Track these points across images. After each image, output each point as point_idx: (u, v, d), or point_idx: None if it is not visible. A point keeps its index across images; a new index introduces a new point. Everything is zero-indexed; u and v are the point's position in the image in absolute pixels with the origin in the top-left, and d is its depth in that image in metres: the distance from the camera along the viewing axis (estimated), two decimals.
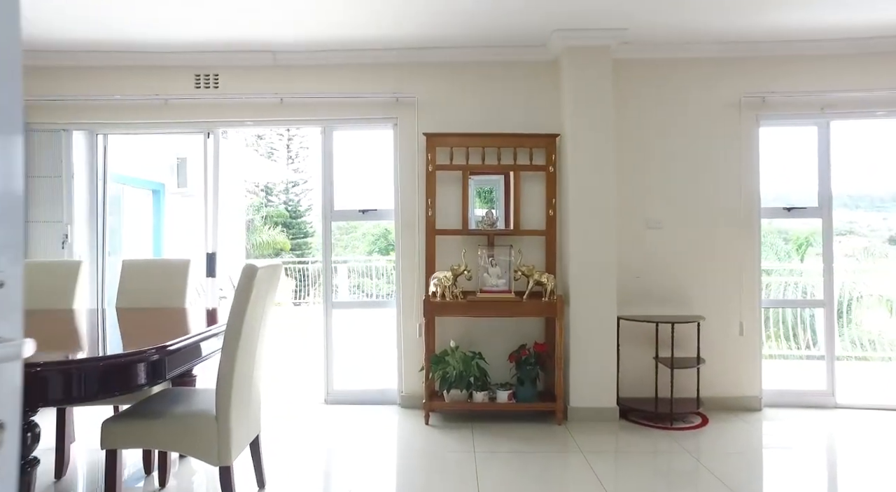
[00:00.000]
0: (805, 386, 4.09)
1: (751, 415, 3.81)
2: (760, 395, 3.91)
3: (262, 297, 2.30)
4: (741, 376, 3.92)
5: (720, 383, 3.88)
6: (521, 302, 3.51)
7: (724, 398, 3.89)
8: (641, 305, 3.89)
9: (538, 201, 3.86)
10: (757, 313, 3.94)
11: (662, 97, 3.94)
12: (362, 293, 10.61)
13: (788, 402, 3.99)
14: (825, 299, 4.08)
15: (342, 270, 9.24)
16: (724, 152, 3.94)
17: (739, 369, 3.92)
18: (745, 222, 3.92)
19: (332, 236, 4.07)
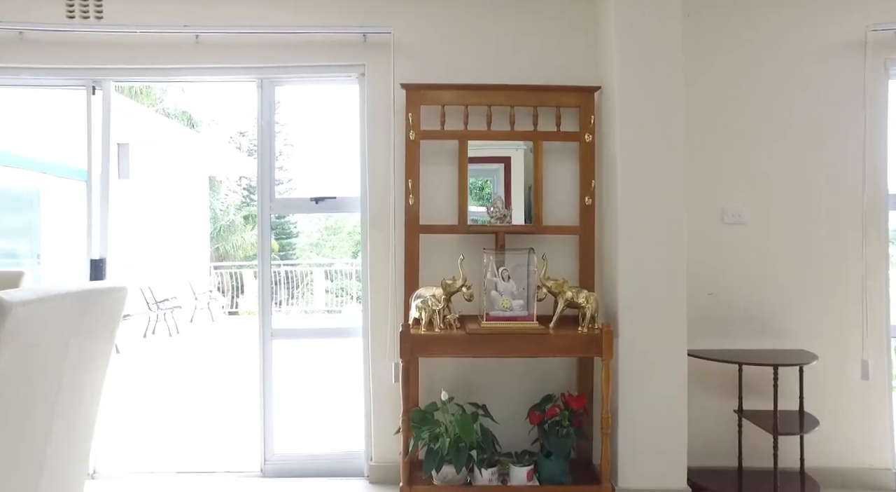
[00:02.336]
0: None
1: None
2: (894, 467, 2.71)
3: (47, 350, 1.10)
4: (865, 437, 2.72)
5: (834, 449, 2.67)
6: (547, 334, 2.30)
7: (839, 470, 2.70)
8: (715, 334, 2.69)
9: (569, 185, 2.67)
10: (885, 348, 2.74)
11: (748, 42, 2.75)
12: (344, 300, 9.42)
13: None
14: None
15: (319, 275, 8.03)
16: (839, 117, 2.74)
17: (862, 427, 2.72)
18: (869, 217, 2.72)
19: (270, 233, 2.87)
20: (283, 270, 9.62)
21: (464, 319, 2.45)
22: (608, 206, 2.52)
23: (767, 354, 2.58)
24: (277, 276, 9.43)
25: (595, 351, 2.31)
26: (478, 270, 2.56)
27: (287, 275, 9.55)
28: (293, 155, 13.10)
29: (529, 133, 2.59)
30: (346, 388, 3.55)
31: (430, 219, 2.62)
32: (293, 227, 15.22)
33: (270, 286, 2.85)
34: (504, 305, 2.39)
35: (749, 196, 2.74)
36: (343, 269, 10.13)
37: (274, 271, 9.44)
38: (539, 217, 2.59)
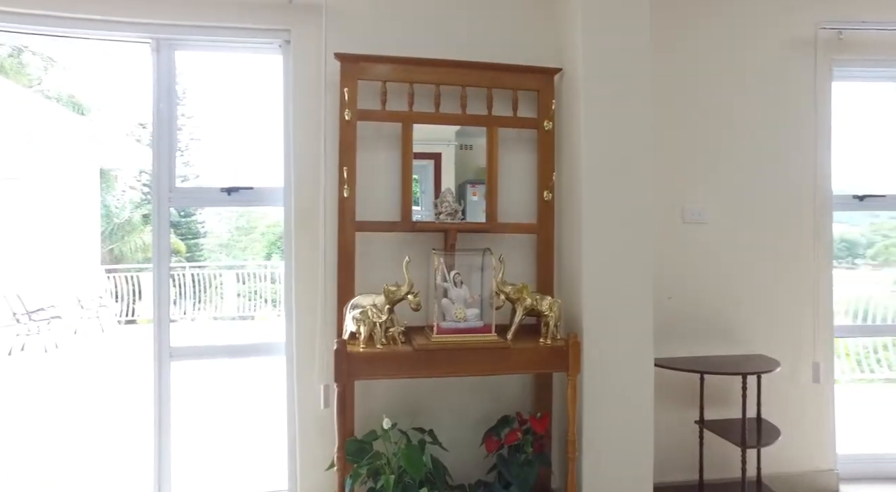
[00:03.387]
0: (883, 448, 2.93)
1: None
2: (836, 468, 2.69)
3: None
4: (812, 442, 2.67)
5: (784, 455, 2.60)
6: (508, 348, 2.00)
7: (789, 476, 2.63)
8: (673, 340, 2.53)
9: (525, 178, 2.39)
10: (830, 350, 2.71)
11: (706, 37, 2.63)
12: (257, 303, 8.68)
13: (867, 473, 2.81)
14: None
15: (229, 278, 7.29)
16: (792, 115, 2.69)
17: (810, 432, 2.67)
18: (816, 218, 2.69)
19: (169, 230, 2.35)
20: (190, 273, 8.73)
21: (410, 333, 2.09)
22: (569, 202, 2.27)
23: (728, 360, 2.45)
24: (182, 279, 8.53)
25: (560, 365, 2.04)
26: (426, 275, 2.21)
27: (194, 278, 8.67)
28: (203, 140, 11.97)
29: (483, 118, 2.28)
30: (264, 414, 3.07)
31: (368, 214, 2.24)
32: (200, 226, 13.99)
33: (169, 294, 2.32)
34: (457, 314, 2.06)
35: (709, 195, 2.62)
36: (256, 271, 9.38)
37: (180, 274, 8.56)
38: (494, 214, 2.28)
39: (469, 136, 2.32)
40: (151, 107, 2.26)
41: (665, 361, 2.37)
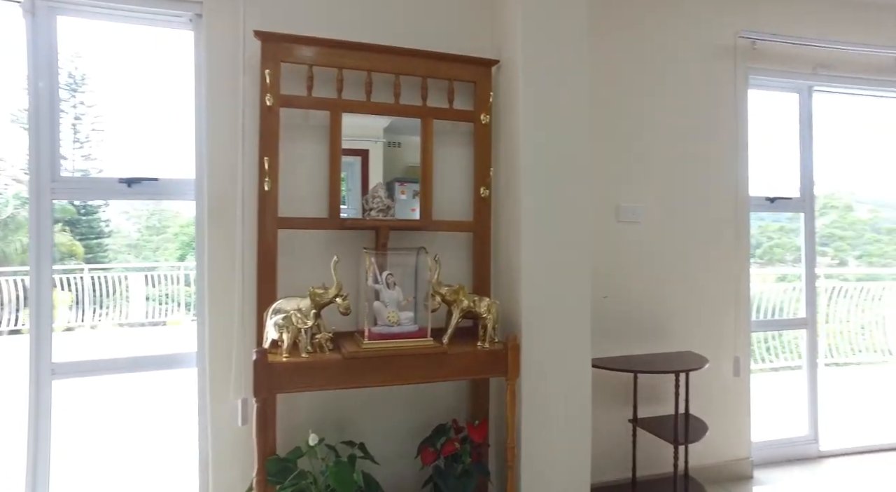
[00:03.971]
0: (788, 434, 3.10)
1: (742, 486, 2.69)
2: (750, 455, 2.81)
3: None
4: (731, 433, 2.78)
5: (709, 447, 2.67)
6: (445, 353, 1.88)
7: (711, 467, 2.71)
8: (610, 339, 2.53)
9: (461, 174, 2.29)
10: (748, 344, 2.84)
11: (638, 39, 2.65)
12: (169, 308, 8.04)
13: (774, 457, 2.97)
14: (808, 318, 3.15)
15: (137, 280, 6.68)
16: (716, 119, 2.78)
17: (730, 423, 2.77)
18: (736, 218, 2.80)
19: (51, 227, 2.02)
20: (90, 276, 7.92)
21: (339, 339, 1.93)
22: (507, 199, 2.19)
23: (660, 358, 2.48)
24: (80, 283, 7.73)
25: (499, 370, 1.95)
26: (355, 276, 2.05)
27: (95, 282, 7.87)
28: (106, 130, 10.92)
29: (418, 108, 2.15)
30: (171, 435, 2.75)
31: (292, 210, 2.04)
32: (104, 225, 12.82)
33: (50, 301, 2.00)
34: (390, 318, 1.92)
35: (642, 195, 2.64)
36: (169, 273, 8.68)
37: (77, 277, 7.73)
38: (428, 211, 2.16)
39: (398, 132, 2.19)
40: (27, 82, 1.93)
41: (600, 361, 2.35)
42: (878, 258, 6.95)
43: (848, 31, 3.00)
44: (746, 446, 2.82)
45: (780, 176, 3.19)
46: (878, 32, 3.08)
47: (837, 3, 3.01)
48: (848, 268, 6.94)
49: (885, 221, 7.18)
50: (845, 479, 2.80)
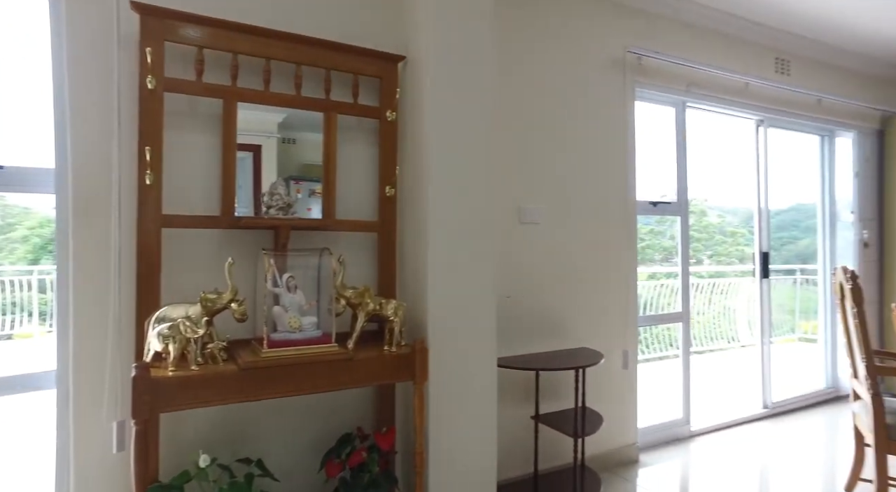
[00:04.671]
0: (665, 417, 3.39)
1: (630, 470, 2.89)
2: (637, 441, 3.03)
3: None
4: (620, 421, 2.97)
5: (601, 437, 2.84)
6: (351, 359, 1.79)
7: (603, 455, 2.88)
8: (512, 338, 2.59)
9: (366, 172, 2.21)
10: (635, 338, 3.05)
11: (540, 49, 2.74)
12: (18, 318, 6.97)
13: (654, 440, 3.23)
14: (683, 312, 3.48)
15: None
16: (609, 127, 2.96)
17: (619, 412, 2.96)
18: (625, 220, 3.00)
19: None
20: None
21: (234, 348, 1.76)
22: (413, 198, 2.15)
23: (559, 355, 2.58)
24: None
25: (407, 374, 1.90)
26: (252, 279, 1.89)
27: None
28: None
29: (321, 102, 2.04)
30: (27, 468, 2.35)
31: (178, 207, 1.83)
32: None
33: None
34: (291, 324, 1.79)
35: (542, 197, 2.73)
36: (17, 278, 7.54)
37: None
38: (331, 210, 2.06)
39: (294, 128, 2.06)
40: None
41: (504, 360, 2.40)
42: (725, 257, 7.92)
43: (712, 56, 3.36)
44: (633, 432, 3.03)
45: (661, 182, 3.49)
46: (735, 61, 3.49)
47: (705, 31, 3.35)
48: (702, 266, 7.82)
49: (730, 225, 8.21)
50: (712, 453, 3.12)
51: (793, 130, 4.14)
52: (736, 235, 8.23)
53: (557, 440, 2.63)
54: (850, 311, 2.47)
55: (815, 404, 4.11)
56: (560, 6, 2.79)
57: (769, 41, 3.65)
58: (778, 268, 4.01)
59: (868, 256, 4.38)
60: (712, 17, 3.32)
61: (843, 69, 4.16)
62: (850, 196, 4.37)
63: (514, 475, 2.54)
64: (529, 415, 2.57)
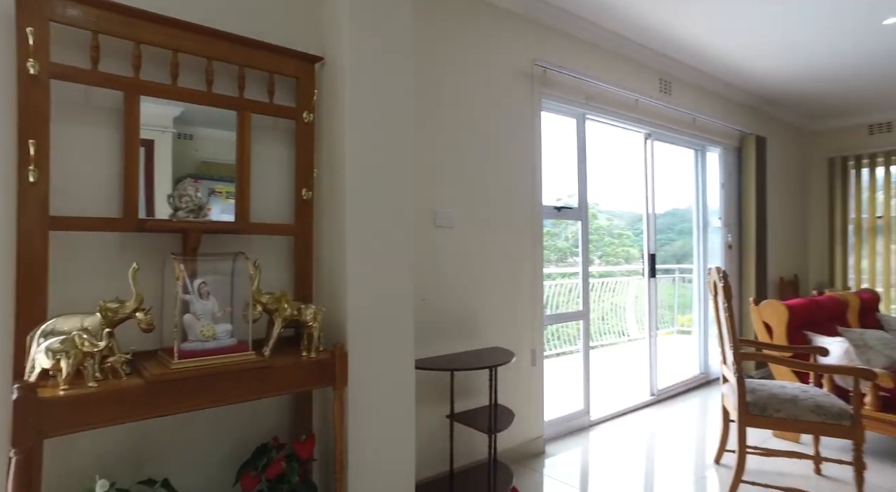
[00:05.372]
0: (568, 410, 3.62)
1: (538, 461, 3.06)
2: (543, 433, 3.21)
3: None
4: (529, 415, 3.13)
5: (511, 432, 2.98)
6: (269, 367, 1.73)
7: (513, 449, 3.02)
8: (428, 340, 2.63)
9: (281, 174, 2.14)
10: (541, 336, 3.23)
11: (453, 54, 2.81)
12: None
13: (559, 431, 3.44)
14: (584, 310, 3.74)
15: None
16: (516, 134, 3.10)
17: (528, 408, 3.12)
18: (532, 224, 3.17)
19: None
20: None
21: (138, 361, 1.63)
22: (331, 201, 2.12)
23: (473, 355, 2.66)
24: None
25: (327, 379, 1.87)
26: (158, 286, 1.76)
27: None
28: None
29: (234, 100, 1.94)
30: None
31: (70, 207, 1.66)
32: None
33: None
34: (204, 332, 1.69)
35: (456, 201, 2.80)
36: None
37: None
38: (245, 212, 1.97)
39: (191, 123, 1.93)
40: None
41: (421, 361, 2.43)
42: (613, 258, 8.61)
43: (609, 73, 3.65)
44: (540, 425, 3.21)
45: (563, 188, 3.72)
46: (627, 79, 3.82)
47: (602, 50, 3.64)
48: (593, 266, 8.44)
49: (616, 227, 8.94)
50: (609, 439, 3.39)
51: (673, 143, 4.60)
52: (622, 237, 8.96)
53: (471, 437, 2.72)
54: (721, 305, 2.81)
55: (691, 388, 4.60)
56: (473, 17, 2.89)
57: (655, 64, 4.04)
58: (659, 267, 4.43)
59: (731, 257, 4.99)
60: (608, 37, 3.61)
61: (714, 93, 4.71)
62: (717, 204, 4.95)
63: (430, 474, 2.59)
64: (445, 414, 2.63)
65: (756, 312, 3.51)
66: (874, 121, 5.81)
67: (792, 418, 2.52)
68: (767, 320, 3.43)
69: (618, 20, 3.43)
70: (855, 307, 4.05)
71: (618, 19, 3.41)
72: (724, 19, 3.46)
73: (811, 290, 6.06)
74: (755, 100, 5.18)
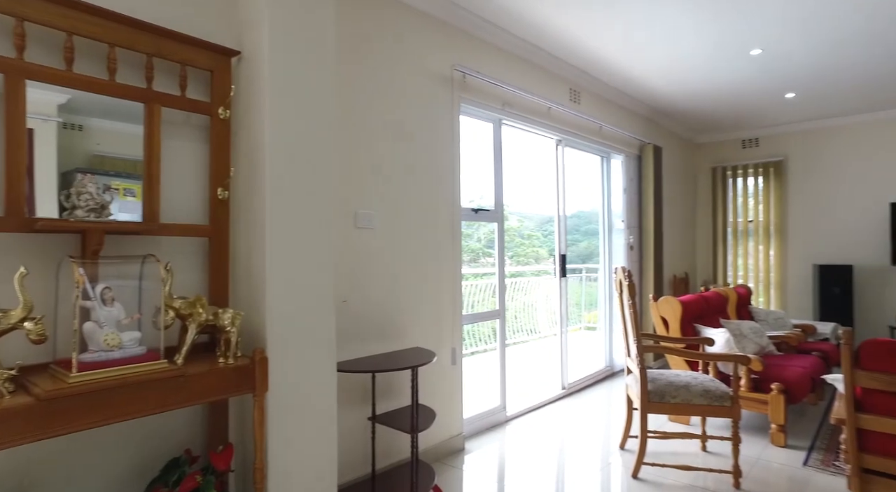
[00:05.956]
0: (485, 406, 3.73)
1: (457, 458, 3.13)
2: (462, 431, 3.29)
3: None
4: (449, 414, 3.19)
5: (432, 430, 3.02)
6: (184, 376, 1.64)
7: (434, 448, 3.07)
8: (350, 342, 2.61)
9: (194, 172, 2.02)
10: (460, 335, 3.30)
11: (375, 55, 2.79)
12: None
13: (477, 428, 3.54)
14: (500, 309, 3.86)
15: None
16: (437, 137, 3.14)
17: (448, 406, 3.18)
18: (452, 224, 3.23)
19: None
20: None
21: (27, 377, 1.47)
22: (249, 202, 2.03)
23: (394, 356, 2.67)
24: None
25: (246, 386, 1.80)
26: (52, 292, 1.61)
27: None
28: None
29: (141, 91, 1.81)
30: None
31: None
32: None
33: None
34: (109, 341, 1.56)
35: (377, 202, 2.79)
36: None
37: None
38: (154, 212, 1.84)
39: (80, 112, 1.76)
40: None
41: (343, 364, 2.40)
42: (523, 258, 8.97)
43: (524, 81, 3.81)
44: (460, 423, 3.28)
45: (480, 190, 3.82)
46: (541, 87, 4.01)
47: (518, 58, 3.79)
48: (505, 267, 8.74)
49: (527, 228, 9.33)
50: (525, 433, 3.53)
51: (582, 150, 4.89)
52: (532, 238, 9.34)
53: (394, 438, 2.72)
54: (626, 302, 3.04)
55: (598, 381, 4.91)
56: (396, 20, 2.90)
57: (566, 74, 4.27)
58: (568, 267, 4.68)
59: (632, 257, 5.38)
60: (524, 47, 3.76)
61: (617, 105, 5.06)
62: (620, 207, 5.32)
63: (353, 477, 2.56)
64: (367, 416, 2.61)
65: (655, 308, 3.82)
66: (745, 136, 6.54)
67: (685, 402, 2.78)
68: (664, 315, 3.75)
69: (533, 31, 3.59)
70: (733, 301, 4.53)
71: (533, 30, 3.57)
72: (625, 39, 3.73)
73: (699, 286, 6.68)
74: (652, 112, 5.62)
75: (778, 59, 4.16)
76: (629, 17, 3.40)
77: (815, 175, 6.11)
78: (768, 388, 3.31)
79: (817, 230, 6.09)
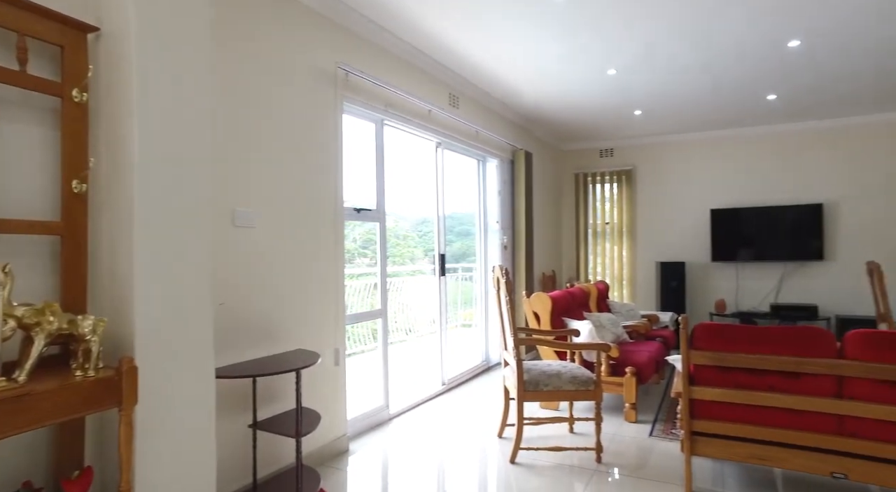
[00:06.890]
0: (369, 406, 3.73)
1: (342, 460, 3.10)
2: (346, 432, 3.26)
3: None
4: (333, 415, 3.14)
5: (317, 433, 2.96)
6: (28, 394, 1.43)
7: (318, 451, 3.01)
8: (228, 346, 2.46)
9: (41, 161, 1.77)
10: (343, 336, 3.27)
11: (255, 50, 2.66)
12: None
13: (361, 428, 3.54)
14: (382, 309, 3.88)
15: None
16: (320, 135, 3.07)
17: (332, 408, 3.13)
18: (334, 224, 3.19)
19: None
20: None
21: None
22: (111, 196, 1.83)
23: (276, 359, 2.57)
24: None
25: (112, 400, 1.63)
26: None
27: None
28: None
29: None
30: None
31: None
32: None
33: None
34: None
35: (257, 200, 2.66)
36: None
37: None
38: None
39: None
40: None
41: (221, 370, 2.26)
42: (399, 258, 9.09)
43: (406, 83, 3.86)
44: (344, 424, 3.24)
45: (362, 190, 3.81)
46: (422, 89, 4.10)
47: (400, 60, 3.83)
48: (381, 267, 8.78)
49: (402, 229, 9.46)
50: (408, 430, 3.59)
51: (460, 153, 5.08)
52: (408, 239, 9.47)
53: (277, 444, 2.62)
54: (503, 299, 3.23)
55: (475, 375, 5.14)
56: (279, 14, 2.79)
57: (446, 78, 4.41)
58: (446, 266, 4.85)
59: (506, 256, 5.71)
60: (406, 49, 3.82)
61: (493, 111, 5.34)
62: (495, 209, 5.62)
63: (233, 489, 2.41)
64: (248, 423, 2.48)
65: (527, 304, 4.10)
66: (603, 146, 7.27)
67: (557, 389, 3.03)
68: (536, 310, 4.04)
69: (413, 33, 3.66)
70: (594, 296, 5.02)
71: (413, 32, 3.64)
72: (495, 48, 3.96)
73: (565, 283, 7.28)
74: (524, 120, 6.02)
75: (629, 80, 4.69)
76: (491, 27, 3.59)
77: (658, 183, 6.98)
78: (623, 371, 3.73)
79: (659, 232, 6.95)
